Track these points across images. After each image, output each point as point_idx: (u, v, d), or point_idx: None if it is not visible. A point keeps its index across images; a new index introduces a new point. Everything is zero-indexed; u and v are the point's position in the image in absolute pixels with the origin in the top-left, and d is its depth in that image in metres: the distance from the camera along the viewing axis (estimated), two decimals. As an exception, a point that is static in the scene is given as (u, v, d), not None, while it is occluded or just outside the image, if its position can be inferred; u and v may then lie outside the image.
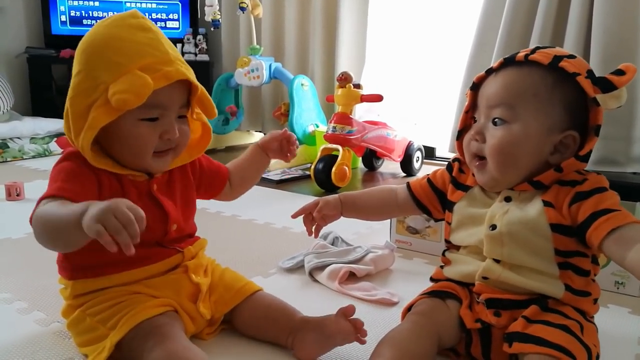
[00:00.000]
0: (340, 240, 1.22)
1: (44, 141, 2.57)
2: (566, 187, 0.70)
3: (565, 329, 0.65)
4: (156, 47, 0.73)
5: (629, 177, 1.77)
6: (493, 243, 0.72)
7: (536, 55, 0.70)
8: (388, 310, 0.93)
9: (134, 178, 0.78)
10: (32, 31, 3.17)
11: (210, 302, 0.81)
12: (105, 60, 0.71)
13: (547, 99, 0.69)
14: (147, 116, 0.73)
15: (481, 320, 0.72)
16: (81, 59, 0.73)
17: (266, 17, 2.80)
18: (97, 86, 0.70)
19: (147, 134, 0.74)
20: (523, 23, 2.01)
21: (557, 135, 0.70)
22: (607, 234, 0.63)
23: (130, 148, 0.75)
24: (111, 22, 0.75)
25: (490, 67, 0.75)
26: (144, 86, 0.69)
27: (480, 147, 0.73)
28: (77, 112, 0.71)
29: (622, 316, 0.94)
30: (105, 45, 0.72)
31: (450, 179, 0.82)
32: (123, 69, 0.70)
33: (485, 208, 0.75)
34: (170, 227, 0.80)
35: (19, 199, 1.68)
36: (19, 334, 0.82)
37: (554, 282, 0.70)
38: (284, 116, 2.48)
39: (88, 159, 0.73)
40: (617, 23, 1.80)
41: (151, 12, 3.15)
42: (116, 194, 0.75)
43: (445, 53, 2.42)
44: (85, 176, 0.73)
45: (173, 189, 0.83)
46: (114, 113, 0.70)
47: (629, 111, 1.84)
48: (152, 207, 0.78)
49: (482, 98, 0.74)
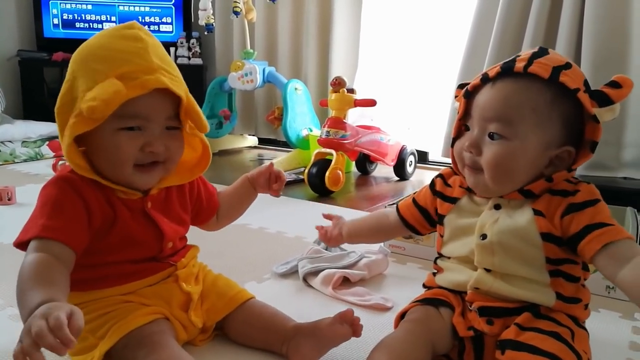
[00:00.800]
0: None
1: (36, 145, 2.55)
2: (557, 197, 0.69)
3: (556, 337, 0.65)
4: (141, 55, 0.71)
5: (619, 182, 1.79)
6: (484, 253, 0.72)
7: (535, 67, 0.67)
8: (382, 315, 0.93)
9: (126, 196, 0.75)
10: (24, 34, 3.16)
11: (203, 310, 0.81)
12: (86, 69, 0.70)
13: (546, 115, 0.68)
14: (125, 125, 0.70)
15: (474, 328, 0.73)
16: (69, 69, 0.73)
17: (260, 22, 2.81)
18: (78, 95, 0.69)
19: (125, 144, 0.71)
20: (515, 28, 2.03)
21: (554, 150, 0.69)
22: (601, 248, 0.64)
23: (109, 159, 0.72)
24: (106, 33, 0.74)
25: (485, 73, 0.72)
26: (114, 93, 0.66)
27: (475, 159, 0.72)
28: (62, 123, 0.71)
29: (613, 320, 0.95)
30: (91, 54, 0.72)
31: (434, 195, 0.82)
32: (100, 76, 0.68)
33: (474, 217, 0.74)
34: (166, 245, 0.79)
35: (11, 203, 1.67)
36: (11, 340, 0.81)
37: (545, 290, 0.70)
38: (278, 120, 2.49)
39: (73, 168, 0.71)
40: (608, 29, 1.82)
41: (144, 16, 3.14)
42: (107, 218, 0.73)
43: (438, 57, 2.43)
44: (73, 207, 0.70)
45: (170, 208, 0.81)
46: (90, 122, 0.68)
47: (620, 116, 1.82)
48: (147, 226, 0.77)
49: (477, 108, 0.72)
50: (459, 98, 0.76)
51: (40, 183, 2.12)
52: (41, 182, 1.99)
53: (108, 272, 0.76)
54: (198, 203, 0.88)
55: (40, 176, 2.14)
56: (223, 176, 2.23)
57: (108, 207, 0.73)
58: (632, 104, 1.84)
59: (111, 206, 0.74)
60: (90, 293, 0.75)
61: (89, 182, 0.73)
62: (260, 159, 2.73)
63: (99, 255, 0.74)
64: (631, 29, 1.82)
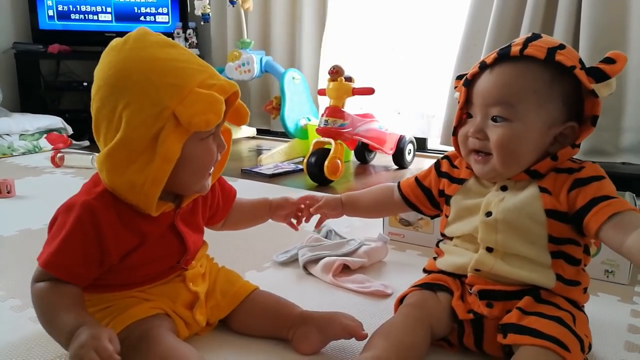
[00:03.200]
0: (334, 233, 1.23)
1: (34, 137, 2.55)
2: (563, 174, 0.71)
3: (558, 321, 0.66)
4: (196, 61, 0.70)
5: (618, 167, 1.79)
6: (488, 230, 0.73)
7: (530, 50, 0.69)
8: (382, 301, 0.94)
9: (161, 211, 0.71)
10: (19, 26, 3.13)
11: (207, 308, 0.80)
12: (158, 84, 0.65)
13: (547, 95, 0.69)
14: (207, 134, 0.70)
15: (473, 311, 0.73)
16: (124, 89, 0.65)
17: (255, 10, 2.79)
18: (160, 113, 0.64)
19: (210, 152, 0.71)
20: (513, 14, 2.02)
21: (557, 128, 0.71)
22: (607, 218, 0.64)
23: (193, 171, 0.71)
24: (134, 45, 0.68)
25: (482, 61, 0.74)
26: (218, 103, 0.66)
27: (483, 144, 0.73)
28: (140, 146, 0.65)
29: (612, 304, 0.95)
30: (149, 68, 0.66)
31: (440, 176, 0.84)
32: (183, 90, 0.65)
33: (480, 198, 0.76)
34: (185, 258, 0.79)
35: (10, 196, 1.66)
36: (13, 331, 0.82)
37: (546, 272, 0.71)
38: (276, 110, 2.48)
39: (152, 194, 0.66)
40: (606, 15, 1.81)
41: (140, 7, 3.12)
42: (128, 248, 0.70)
43: (436, 44, 2.43)
44: (86, 243, 0.66)
45: (195, 218, 0.80)
46: (184, 137, 0.66)
47: (618, 102, 1.86)
48: (173, 239, 0.75)
49: (478, 95, 0.73)
50: (459, 88, 0.77)
51: (39, 176, 2.12)
52: (40, 174, 2.02)
53: (120, 279, 0.74)
54: (215, 205, 0.86)
55: (39, 169, 2.13)
56: (222, 167, 2.23)
57: (131, 237, 0.70)
58: (631, 90, 1.83)
59: (136, 233, 0.71)
60: (102, 296, 0.74)
61: (115, 209, 0.69)
62: (259, 149, 2.72)
63: (116, 274, 0.73)
64: (629, 18, 1.81)
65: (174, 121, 0.65)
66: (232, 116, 0.77)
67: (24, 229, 1.32)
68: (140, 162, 0.65)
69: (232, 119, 0.78)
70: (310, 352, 0.76)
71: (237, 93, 0.73)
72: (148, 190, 0.66)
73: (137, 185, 0.66)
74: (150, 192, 0.66)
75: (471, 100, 0.75)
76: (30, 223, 1.36)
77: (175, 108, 0.64)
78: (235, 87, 0.71)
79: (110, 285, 0.74)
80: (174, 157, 0.65)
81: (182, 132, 0.65)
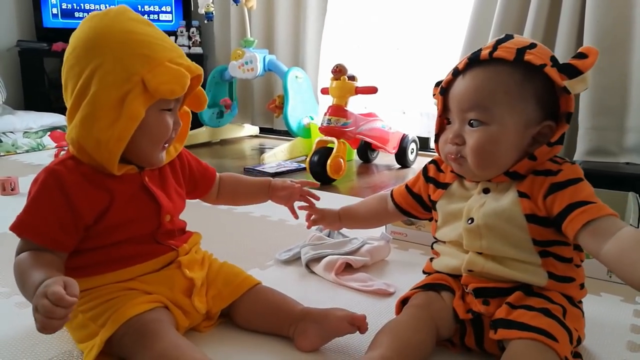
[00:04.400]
0: (336, 232, 1.23)
1: (37, 135, 2.55)
2: (540, 177, 0.70)
3: (545, 312, 0.66)
4: (170, 42, 0.77)
5: (622, 168, 1.79)
6: (471, 236, 0.73)
7: (500, 52, 0.69)
8: (384, 300, 0.94)
9: (125, 171, 0.77)
10: (23, 24, 3.15)
11: (208, 297, 0.81)
12: (133, 53, 0.72)
13: (519, 95, 0.69)
14: (167, 107, 0.76)
15: (472, 311, 0.74)
16: (99, 52, 0.71)
17: (258, 9, 2.79)
18: (130, 77, 0.70)
19: (167, 124, 0.77)
20: (517, 14, 2.01)
21: (534, 128, 0.71)
22: (582, 226, 0.64)
23: (150, 138, 0.76)
24: (115, 17, 0.74)
25: (455, 67, 0.74)
26: (184, 77, 0.73)
27: (459, 149, 0.73)
28: (108, 104, 0.70)
29: (615, 304, 0.95)
30: (126, 38, 0.72)
31: (427, 182, 0.84)
32: (154, 61, 0.72)
33: (464, 202, 0.75)
34: (164, 219, 0.80)
35: (14, 193, 1.67)
36: (18, 327, 0.82)
37: (537, 270, 0.71)
38: (279, 109, 2.48)
39: (114, 152, 0.72)
40: (610, 14, 1.81)
41: (144, 5, 3.12)
42: (101, 206, 0.74)
43: (441, 43, 2.42)
44: (53, 204, 0.71)
45: (165, 182, 0.83)
46: (148, 103, 0.72)
47: (622, 102, 1.85)
48: (145, 199, 0.79)
49: (453, 102, 0.73)
50: (437, 96, 0.77)
51: (42, 173, 2.11)
52: (44, 172, 2.02)
53: (108, 255, 0.76)
54: (191, 176, 0.91)
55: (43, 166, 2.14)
56: (224, 165, 2.23)
57: (101, 194, 0.74)
58: (635, 89, 1.83)
59: (106, 190, 0.75)
60: (92, 279, 0.75)
61: (79, 171, 0.74)
62: (261, 148, 2.73)
63: (97, 238, 0.75)
64: (633, 17, 1.80)
65: (142, 87, 0.71)
66: (191, 101, 0.84)
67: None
68: (107, 120, 0.71)
69: (190, 104, 0.85)
70: (310, 349, 0.76)
71: (200, 77, 0.80)
72: (112, 147, 0.71)
73: (102, 142, 0.71)
74: (114, 149, 0.72)
75: (448, 107, 0.75)
76: (34, 220, 1.37)
77: (144, 75, 0.71)
78: (199, 71, 0.78)
79: (97, 264, 0.76)
80: (138, 116, 0.71)
81: (147, 98, 0.72)
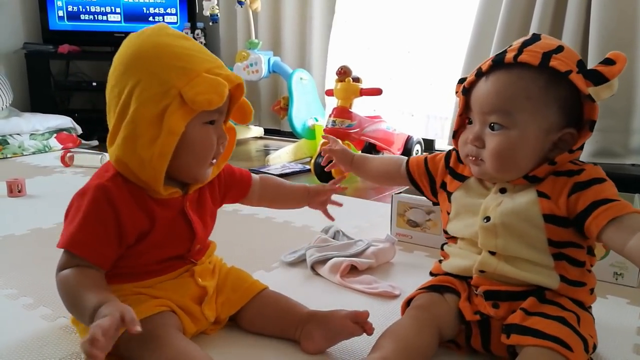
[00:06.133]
0: (342, 234, 1.23)
1: (44, 137, 2.57)
2: (562, 177, 0.70)
3: (562, 321, 0.66)
4: (207, 53, 0.75)
5: (627, 169, 1.78)
6: (487, 235, 0.73)
7: (525, 56, 0.68)
8: (389, 302, 0.94)
9: (169, 196, 0.75)
10: (29, 27, 3.16)
11: (217, 304, 0.81)
12: (169, 66, 0.70)
13: (542, 101, 0.68)
14: (209, 119, 0.74)
15: (480, 312, 0.74)
16: (136, 69, 0.71)
17: (264, 11, 2.79)
18: (168, 91, 0.69)
19: (212, 137, 0.75)
20: (521, 16, 2.01)
21: (555, 134, 0.70)
22: (608, 222, 0.64)
23: (195, 153, 0.74)
24: (152, 33, 0.74)
25: (479, 68, 0.73)
26: (222, 86, 0.70)
27: (479, 152, 0.73)
28: (148, 121, 0.69)
29: (621, 307, 0.95)
30: (163, 52, 0.71)
31: (446, 169, 0.83)
32: (191, 73, 0.70)
33: (481, 199, 0.75)
34: (195, 246, 0.80)
35: (21, 195, 1.68)
36: (25, 329, 0.83)
37: (549, 273, 0.71)
38: (284, 110, 2.48)
39: (158, 169, 0.70)
40: (615, 14, 1.80)
41: (149, 7, 3.13)
42: (143, 229, 0.73)
43: (444, 44, 2.42)
44: (104, 221, 0.70)
45: (203, 206, 0.82)
46: (188, 116, 0.70)
47: (627, 103, 1.84)
48: (182, 225, 0.78)
49: (475, 103, 0.73)
50: (458, 94, 0.77)
51: (49, 175, 2.14)
52: (50, 174, 2.04)
53: (133, 269, 0.76)
54: (226, 187, 0.88)
55: (49, 168, 2.15)
56: (230, 167, 2.24)
57: (144, 217, 0.73)
58: (640, 90, 1.82)
59: (148, 214, 0.74)
60: (110, 286, 0.74)
61: (128, 190, 0.72)
62: (266, 150, 2.73)
63: (128, 258, 0.75)
64: (639, 17, 1.80)
65: (180, 100, 0.69)
66: (236, 113, 0.81)
67: (35, 228, 1.34)
68: (147, 136, 0.69)
69: (236, 117, 0.82)
70: (316, 351, 0.76)
71: (242, 87, 0.77)
72: (156, 164, 0.70)
73: (146, 160, 0.70)
74: (157, 166, 0.70)
75: (470, 107, 0.75)
76: (41, 222, 1.37)
77: (182, 88, 0.69)
78: (240, 80, 0.75)
79: (119, 275, 0.75)
80: (178, 130, 0.69)
81: (186, 111, 0.70)
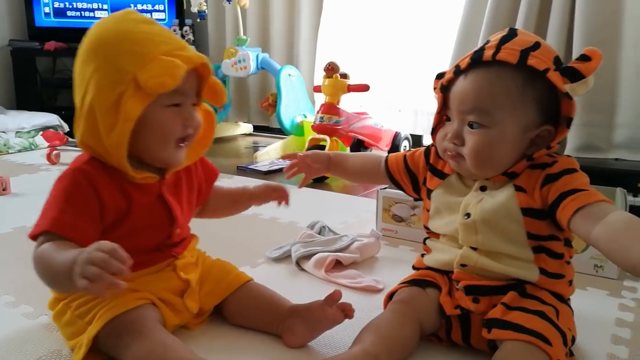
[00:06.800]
0: (327, 229, 1.23)
1: (30, 135, 2.55)
2: (537, 170, 0.71)
3: (541, 315, 0.67)
4: (168, 35, 0.73)
5: (610, 164, 1.80)
6: (467, 231, 0.74)
7: (503, 54, 0.68)
8: (373, 297, 0.95)
9: (144, 181, 0.75)
10: (15, 23, 3.13)
11: (201, 295, 0.81)
12: (125, 52, 0.69)
13: (520, 99, 0.69)
14: (171, 102, 0.73)
15: (460, 307, 0.74)
16: (95, 56, 0.71)
17: (252, 8, 2.79)
18: (123, 77, 0.68)
19: (174, 120, 0.73)
20: (508, 10, 2.02)
21: (533, 131, 0.71)
22: (575, 211, 0.64)
23: (156, 136, 0.73)
24: (114, 19, 0.73)
25: (457, 65, 0.73)
26: (176, 68, 0.69)
27: (458, 148, 0.73)
28: (105, 108, 0.69)
29: (600, 298, 0.96)
30: (120, 38, 0.71)
31: (427, 165, 0.83)
32: (146, 57, 0.69)
33: (461, 196, 0.76)
34: (175, 231, 0.80)
35: (5, 193, 1.67)
36: (7, 327, 0.82)
37: (529, 266, 0.72)
38: (272, 107, 2.48)
39: (119, 157, 0.70)
40: (600, 10, 1.82)
41: (137, 3, 3.11)
42: (121, 211, 0.73)
43: (431, 40, 2.42)
44: (86, 200, 0.70)
45: (180, 191, 0.81)
46: (145, 101, 0.69)
47: (611, 98, 1.86)
48: (161, 210, 0.78)
49: (454, 101, 0.73)
50: (437, 91, 0.77)
51: (35, 173, 2.11)
52: (36, 172, 2.02)
53: None
54: (198, 183, 0.87)
55: (35, 166, 2.14)
56: (218, 164, 2.22)
57: (122, 198, 0.73)
58: (624, 86, 1.84)
59: (126, 196, 0.73)
60: None
61: (105, 172, 0.72)
62: (255, 146, 2.73)
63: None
64: (623, 14, 1.81)
65: (135, 85, 0.68)
66: (208, 94, 0.79)
67: (19, 227, 1.33)
68: (106, 124, 0.69)
69: (208, 97, 0.80)
70: (298, 345, 0.77)
71: (207, 67, 0.75)
72: (115, 151, 0.70)
73: (107, 147, 0.70)
74: (117, 152, 0.70)
75: (448, 105, 0.75)
76: (25, 220, 1.36)
77: (136, 72, 0.68)
78: (203, 59, 0.74)
79: None
80: (132, 117, 0.68)
81: (143, 96, 0.69)
